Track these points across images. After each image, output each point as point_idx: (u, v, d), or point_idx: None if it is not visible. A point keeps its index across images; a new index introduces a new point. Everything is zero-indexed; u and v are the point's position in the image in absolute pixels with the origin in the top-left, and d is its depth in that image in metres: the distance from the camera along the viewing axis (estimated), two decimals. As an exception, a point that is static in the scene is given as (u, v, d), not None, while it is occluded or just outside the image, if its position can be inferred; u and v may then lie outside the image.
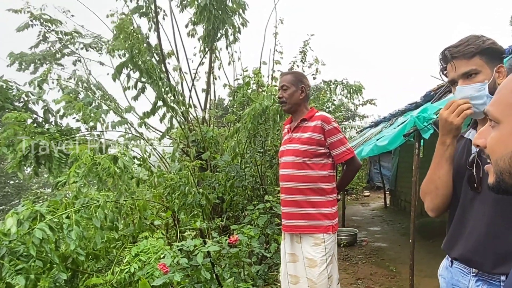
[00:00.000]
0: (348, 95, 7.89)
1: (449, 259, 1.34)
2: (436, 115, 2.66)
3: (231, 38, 4.43)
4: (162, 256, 2.96)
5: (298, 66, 6.72)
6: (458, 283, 1.27)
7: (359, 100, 9.95)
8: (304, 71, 6.57)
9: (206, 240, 2.78)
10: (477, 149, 1.23)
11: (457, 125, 1.25)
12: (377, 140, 4.10)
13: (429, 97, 5.13)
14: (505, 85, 0.78)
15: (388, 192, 11.12)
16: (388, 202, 10.81)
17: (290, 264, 2.34)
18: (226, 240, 2.84)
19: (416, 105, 5.76)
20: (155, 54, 5.19)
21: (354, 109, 18.31)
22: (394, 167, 10.65)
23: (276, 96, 2.34)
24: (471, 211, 1.25)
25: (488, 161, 0.80)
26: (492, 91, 1.24)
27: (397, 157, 10.24)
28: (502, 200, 1.13)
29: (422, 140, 3.48)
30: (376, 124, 8.69)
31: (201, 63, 5.39)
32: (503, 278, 1.13)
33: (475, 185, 1.23)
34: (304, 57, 6.88)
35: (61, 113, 4.50)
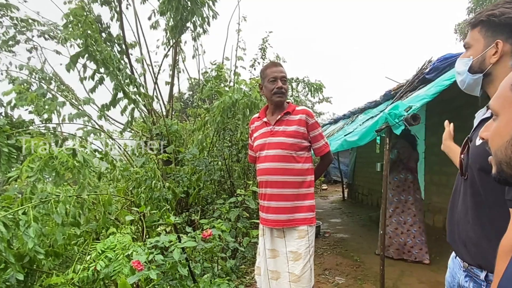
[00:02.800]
0: (309, 93, 8.02)
1: None
2: (407, 112, 2.78)
3: (199, 30, 4.32)
4: (130, 252, 2.84)
5: (259, 63, 6.71)
6: (456, 274, 1.31)
7: (319, 98, 10.18)
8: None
9: (180, 235, 2.71)
10: (471, 135, 1.27)
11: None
12: (345, 135, 4.21)
13: (388, 96, 5.31)
14: (505, 80, 0.82)
15: (345, 186, 11.53)
16: (345, 195, 11.20)
17: (270, 260, 2.31)
18: (199, 234, 2.78)
19: (376, 103, 5.97)
20: (117, 45, 4.95)
21: (311, 106, 18.74)
22: (351, 162, 11.05)
23: (273, 86, 2.28)
24: (458, 199, 1.26)
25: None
26: (477, 70, 1.18)
27: (355, 153, 10.63)
28: (474, 188, 1.16)
29: (378, 138, 3.58)
30: (335, 121, 8.92)
31: (166, 55, 5.23)
32: (482, 276, 1.14)
33: (462, 171, 1.22)
34: (264, 54, 6.88)
35: (12, 104, 4.17)
